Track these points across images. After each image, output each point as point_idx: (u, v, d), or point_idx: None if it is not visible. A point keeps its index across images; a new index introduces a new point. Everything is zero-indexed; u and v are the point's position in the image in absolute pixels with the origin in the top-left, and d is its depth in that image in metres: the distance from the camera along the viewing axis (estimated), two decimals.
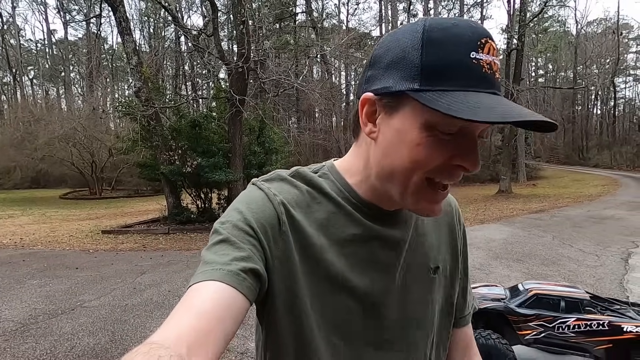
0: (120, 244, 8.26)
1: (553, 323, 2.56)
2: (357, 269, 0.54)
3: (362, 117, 0.50)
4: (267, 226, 0.51)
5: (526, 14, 16.54)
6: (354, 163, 0.56)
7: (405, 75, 0.45)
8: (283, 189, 0.55)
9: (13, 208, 16.80)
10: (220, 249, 0.48)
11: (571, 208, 11.52)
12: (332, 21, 30.16)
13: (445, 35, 0.43)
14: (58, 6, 32.15)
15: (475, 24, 0.45)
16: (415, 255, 0.59)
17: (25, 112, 25.85)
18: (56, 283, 5.39)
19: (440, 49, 0.43)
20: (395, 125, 0.47)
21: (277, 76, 10.38)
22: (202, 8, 23.13)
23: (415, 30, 0.45)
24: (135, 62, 9.50)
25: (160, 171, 9.48)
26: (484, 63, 0.43)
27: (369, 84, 0.49)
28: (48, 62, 35.86)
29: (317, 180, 0.56)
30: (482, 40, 0.43)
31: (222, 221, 0.52)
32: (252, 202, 0.52)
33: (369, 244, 0.55)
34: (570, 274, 5.25)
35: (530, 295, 2.70)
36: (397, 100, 0.46)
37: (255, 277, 0.47)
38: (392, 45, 0.47)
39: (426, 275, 0.60)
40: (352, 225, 0.55)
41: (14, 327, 3.91)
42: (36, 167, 24.84)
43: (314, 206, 0.54)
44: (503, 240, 7.45)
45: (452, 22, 0.44)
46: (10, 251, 7.71)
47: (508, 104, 0.42)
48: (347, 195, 0.56)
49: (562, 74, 40.04)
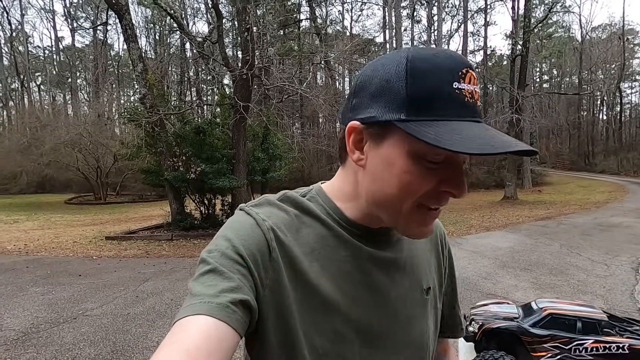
0: (123, 250, 8.24)
1: (569, 345, 2.45)
2: (351, 292, 0.53)
3: (350, 144, 0.51)
4: (257, 254, 0.49)
5: (530, 20, 16.51)
6: (342, 187, 0.57)
7: (391, 105, 0.46)
8: (272, 214, 0.54)
9: (18, 213, 16.89)
10: (208, 280, 0.46)
11: (578, 215, 11.36)
12: (336, 27, 30.34)
13: (428, 66, 0.44)
14: (66, 14, 32.63)
15: (455, 54, 0.47)
16: (409, 277, 0.59)
17: (32, 117, 26.11)
18: (59, 290, 5.37)
19: (424, 80, 0.44)
20: (383, 154, 0.48)
21: (281, 83, 10.41)
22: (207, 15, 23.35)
23: (398, 61, 0.46)
24: (141, 69, 9.56)
25: (165, 177, 9.48)
26: (466, 92, 0.45)
27: (355, 112, 0.50)
28: (55, 68, 36.29)
29: (306, 203, 0.56)
30: (463, 70, 0.45)
31: (210, 249, 0.50)
32: (240, 229, 0.51)
33: (362, 266, 0.55)
34: (579, 284, 5.14)
35: (544, 315, 2.59)
36: (384, 129, 0.47)
37: (246, 309, 0.46)
38: (376, 75, 0.48)
39: (420, 296, 0.60)
40: (344, 248, 0.54)
41: (16, 336, 3.88)
42: (42, 172, 25.01)
43: (304, 230, 0.54)
44: (509, 248, 7.34)
45: (433, 53, 0.46)
46: (14, 257, 7.72)
47: (492, 134, 0.43)
48: (337, 218, 0.55)
49: (567, 79, 39.88)
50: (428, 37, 29.29)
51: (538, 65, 38.91)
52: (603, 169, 30.44)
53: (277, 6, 18.32)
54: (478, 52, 34.63)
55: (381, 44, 30.66)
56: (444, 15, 29.74)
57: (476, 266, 6.11)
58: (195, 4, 28.25)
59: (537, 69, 39.80)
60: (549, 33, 31.81)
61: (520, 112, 15.31)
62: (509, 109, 16.06)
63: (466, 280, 5.41)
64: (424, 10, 30.64)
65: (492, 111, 27.27)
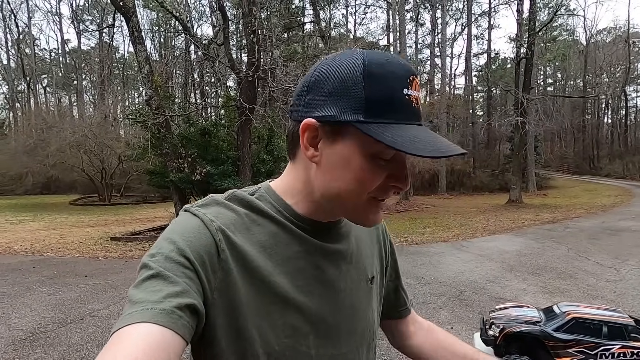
0: (129, 251, 8.26)
1: (595, 350, 2.40)
2: (304, 286, 0.54)
3: (304, 141, 0.51)
4: (204, 256, 0.48)
5: (535, 23, 16.48)
6: (291, 184, 0.57)
7: (349, 106, 0.47)
8: (220, 214, 0.53)
9: (24, 214, 16.98)
10: (151, 285, 0.44)
11: (584, 219, 11.27)
12: (340, 30, 30.42)
13: (383, 72, 0.47)
14: (72, 16, 32.93)
15: (402, 60, 0.50)
16: (356, 267, 0.61)
17: (38, 119, 26.33)
18: (65, 291, 5.38)
19: (381, 84, 0.47)
20: (338, 152, 0.50)
21: (286, 84, 10.43)
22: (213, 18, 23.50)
23: (355, 64, 0.48)
24: (147, 70, 9.61)
25: (170, 178, 9.52)
26: (413, 98, 0.49)
27: (309, 108, 0.50)
28: (61, 70, 36.60)
29: (255, 202, 0.56)
30: (411, 77, 0.48)
31: (152, 253, 0.47)
32: (187, 231, 0.49)
33: (314, 261, 0.56)
34: (589, 289, 5.09)
35: (568, 319, 2.55)
36: (341, 128, 0.49)
37: (193, 314, 0.44)
38: (332, 74, 0.49)
39: (366, 285, 0.63)
40: (295, 243, 0.55)
41: (24, 336, 3.89)
42: (47, 173, 25.17)
43: (254, 228, 0.54)
44: (516, 251, 7.28)
45: (386, 59, 0.49)
46: (20, 257, 7.75)
47: (435, 137, 0.48)
48: (286, 214, 0.56)
49: (571, 82, 39.73)
50: (432, 40, 29.31)
51: (542, 69, 38.78)
52: (608, 172, 30.22)
53: (282, 9, 18.41)
54: (482, 55, 34.61)
55: (385, 46, 30.69)
56: (448, 19, 29.77)
57: (483, 269, 6.06)
58: (200, 7, 28.46)
59: (541, 72, 39.66)
60: (553, 36, 31.74)
61: (525, 115, 15.26)
62: (514, 112, 16.01)
63: (474, 283, 5.36)
64: (427, 13, 30.69)
65: (496, 114, 27.17)
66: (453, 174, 23.96)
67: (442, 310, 4.37)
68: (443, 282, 5.44)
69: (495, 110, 30.41)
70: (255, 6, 9.21)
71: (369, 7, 30.55)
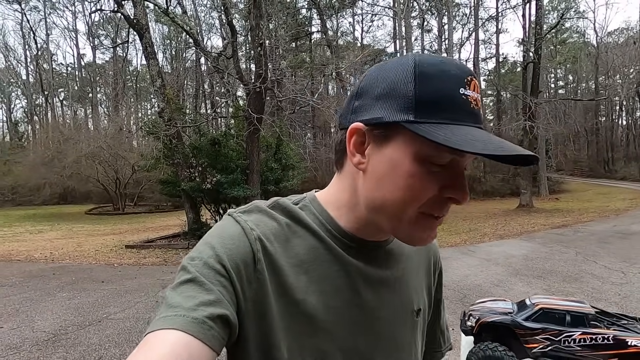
0: (142, 258, 8.53)
1: (559, 337, 2.60)
2: (338, 309, 0.51)
3: (350, 147, 0.49)
4: (241, 265, 0.47)
5: (542, 26, 16.48)
6: (337, 195, 0.54)
7: (398, 106, 0.45)
8: (261, 222, 0.51)
9: (42, 223, 17.57)
10: (187, 290, 0.44)
11: (596, 223, 11.15)
12: (347, 39, 30.79)
13: (436, 71, 0.45)
14: (88, 32, 34.18)
15: (459, 62, 0.48)
16: (401, 296, 0.56)
17: (55, 132, 27.24)
18: (84, 296, 5.64)
19: (432, 83, 0.44)
20: (387, 156, 0.46)
21: (293, 94, 10.69)
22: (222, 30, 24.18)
23: (406, 64, 0.46)
24: (159, 84, 10.00)
25: (181, 187, 9.81)
26: (471, 99, 0.45)
27: (357, 114, 0.48)
28: (77, 84, 37.89)
29: (298, 212, 0.53)
30: (468, 78, 0.45)
31: (192, 257, 0.47)
32: (226, 237, 0.49)
33: (352, 283, 0.52)
34: (594, 291, 5.11)
35: (536, 310, 2.75)
36: (390, 130, 0.46)
37: (224, 324, 0.44)
38: (381, 78, 0.47)
39: (411, 318, 0.58)
40: (334, 262, 0.52)
41: (46, 337, 4.13)
42: (64, 184, 25.96)
43: (293, 240, 0.51)
44: (523, 256, 7.30)
45: (440, 59, 0.46)
46: (41, 265, 8.09)
47: (498, 139, 0.44)
48: (330, 227, 0.53)
49: (583, 85, 39.20)
50: (439, 46, 29.43)
51: (553, 72, 38.43)
52: (624, 175, 29.58)
53: (289, 20, 18.83)
54: (490, 60, 34.52)
55: (392, 54, 30.90)
56: (455, 24, 29.89)
57: (488, 273, 6.11)
58: (210, 19, 29.22)
59: (552, 75, 39.29)
60: (563, 39, 31.51)
61: (533, 119, 15.21)
62: (522, 116, 15.97)
63: (478, 287, 5.43)
64: (434, 19, 30.86)
65: (506, 118, 27.00)
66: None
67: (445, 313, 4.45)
68: (447, 285, 5.52)
69: (505, 115, 30.21)
70: (262, 19, 9.53)
71: (376, 15, 30.89)
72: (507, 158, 0.44)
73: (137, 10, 9.78)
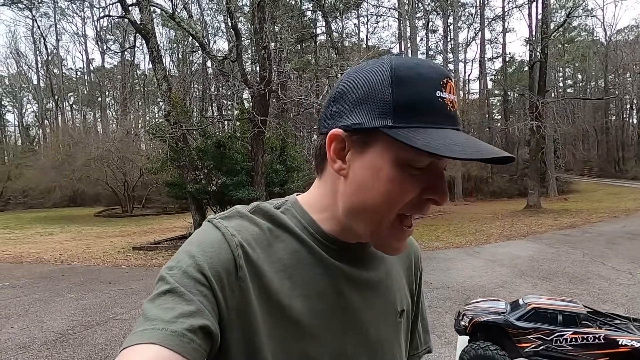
0: (149, 259, 8.65)
1: (551, 336, 2.61)
2: (323, 313, 0.50)
3: (330, 153, 0.49)
4: (222, 273, 0.46)
5: (549, 25, 16.33)
6: (319, 199, 0.54)
7: (376, 111, 0.45)
8: (242, 227, 0.51)
9: (53, 225, 17.88)
10: (165, 302, 0.42)
11: (605, 223, 11.00)
12: (352, 40, 30.84)
13: (412, 74, 0.45)
14: (96, 37, 34.75)
15: (435, 64, 0.48)
16: (385, 298, 0.57)
17: (65, 135, 27.70)
18: (91, 297, 5.74)
19: (409, 87, 0.44)
20: (367, 162, 0.46)
21: (298, 97, 10.75)
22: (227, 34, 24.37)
23: (382, 68, 0.46)
24: (165, 87, 10.13)
25: (187, 190, 9.92)
26: (447, 101, 0.45)
27: (335, 119, 0.48)
28: (86, 88, 38.52)
29: (280, 216, 0.53)
30: (444, 80, 0.45)
31: (171, 266, 0.46)
32: (207, 244, 0.48)
33: (336, 286, 0.52)
34: (600, 293, 5.05)
35: (528, 309, 2.77)
36: (369, 136, 0.46)
37: (206, 336, 0.42)
38: (358, 82, 0.47)
39: (394, 319, 0.58)
40: (317, 265, 0.51)
41: (54, 337, 4.22)
42: (74, 187, 26.39)
43: (276, 245, 0.51)
44: (529, 257, 7.24)
45: (415, 62, 0.46)
46: (51, 266, 8.24)
47: (475, 141, 0.45)
48: (312, 231, 0.53)
49: (592, 83, 38.68)
50: (444, 46, 29.34)
51: (561, 70, 37.99)
52: (635, 175, 29.10)
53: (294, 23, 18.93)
54: (496, 60, 34.27)
55: (397, 54, 30.81)
56: (460, 24, 29.75)
57: (492, 275, 6.08)
58: (216, 23, 29.51)
59: (560, 74, 38.84)
60: (571, 37, 31.15)
61: (540, 118, 15.06)
62: (529, 116, 15.83)
63: (482, 288, 5.41)
64: (439, 19, 30.77)
65: (513, 118, 26.75)
66: (470, 180, 23.67)
67: (446, 314, 4.45)
68: (451, 287, 5.51)
69: (512, 114, 29.94)
70: (266, 23, 9.62)
71: (381, 16, 30.90)
72: (485, 159, 0.44)
73: (143, 15, 9.94)
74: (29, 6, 32.66)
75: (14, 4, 32.01)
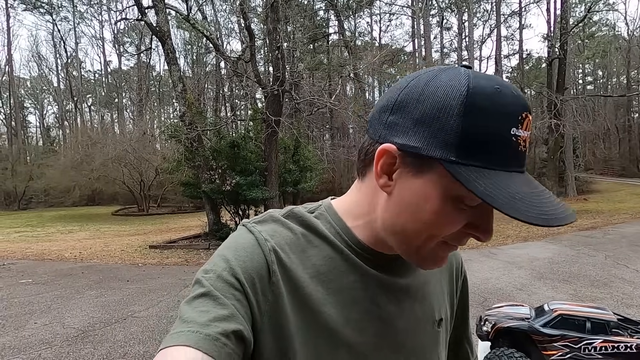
0: (165, 258, 8.79)
1: (579, 344, 2.52)
2: (358, 322, 0.49)
3: (378, 167, 0.45)
4: (255, 278, 0.46)
5: (568, 20, 15.91)
6: (355, 206, 0.52)
7: (439, 140, 0.41)
8: (276, 232, 0.50)
9: (72, 224, 18.39)
10: (201, 305, 0.43)
11: (628, 225, 10.64)
12: (365, 39, 30.66)
13: (490, 105, 0.40)
14: (113, 40, 35.56)
15: (517, 92, 0.42)
16: (422, 306, 0.55)
17: (84, 136, 28.45)
18: (110, 294, 5.87)
19: (483, 120, 0.40)
20: (417, 189, 0.43)
21: (310, 96, 10.76)
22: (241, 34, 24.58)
23: (457, 90, 0.41)
24: (181, 89, 10.28)
25: (202, 189, 10.05)
26: (521, 140, 0.41)
27: (391, 131, 0.45)
28: (104, 90, 39.48)
29: (313, 221, 0.52)
30: (523, 114, 0.41)
31: (206, 269, 0.47)
32: (240, 249, 0.48)
33: (371, 294, 0.51)
34: (624, 297, 4.88)
35: (555, 316, 2.68)
36: (424, 163, 0.42)
37: (239, 341, 0.42)
38: (425, 98, 0.42)
39: (432, 328, 0.56)
40: (352, 273, 0.50)
41: (75, 333, 4.33)
42: (92, 186, 27.10)
43: (309, 251, 0.50)
44: (548, 259, 7.06)
45: (495, 87, 0.41)
46: (71, 264, 8.47)
47: (540, 196, 0.41)
48: (346, 238, 0.51)
49: (614, 80, 37.46)
50: (459, 43, 28.90)
51: (581, 67, 36.91)
52: None
53: (307, 22, 18.94)
54: (513, 57, 33.55)
55: (411, 52, 30.54)
56: (476, 21, 29.23)
57: (511, 277, 5.95)
58: (230, 24, 29.77)
59: (579, 71, 37.75)
60: (591, 32, 30.24)
61: (559, 116, 14.69)
62: (548, 114, 15.46)
63: (500, 290, 5.30)
64: (454, 16, 30.31)
65: (532, 116, 26.13)
66: None
67: None
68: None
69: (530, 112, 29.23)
70: (279, 23, 9.65)
71: (394, 14, 30.62)
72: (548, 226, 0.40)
73: (159, 17, 10.10)
74: (49, 10, 33.66)
75: (35, 9, 33.04)
